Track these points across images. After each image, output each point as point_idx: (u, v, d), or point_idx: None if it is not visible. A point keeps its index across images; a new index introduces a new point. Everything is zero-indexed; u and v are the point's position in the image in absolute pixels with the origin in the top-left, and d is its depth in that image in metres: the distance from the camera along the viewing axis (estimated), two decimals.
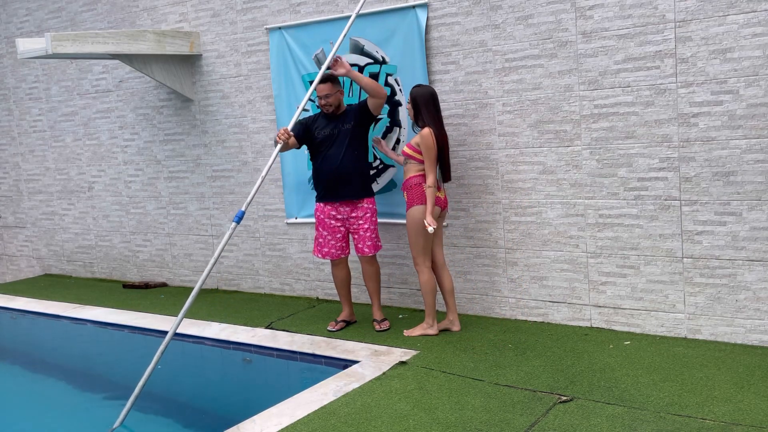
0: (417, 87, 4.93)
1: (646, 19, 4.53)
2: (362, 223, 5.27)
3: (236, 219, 4.54)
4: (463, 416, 3.74)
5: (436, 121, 4.86)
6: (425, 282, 4.97)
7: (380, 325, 5.33)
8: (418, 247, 4.93)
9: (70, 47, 5.72)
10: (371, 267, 5.37)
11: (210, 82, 6.70)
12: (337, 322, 5.44)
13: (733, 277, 4.49)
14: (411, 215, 4.90)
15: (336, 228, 5.31)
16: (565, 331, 4.97)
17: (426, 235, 4.89)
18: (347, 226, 5.32)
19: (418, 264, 4.97)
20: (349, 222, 5.30)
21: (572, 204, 4.97)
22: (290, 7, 6.06)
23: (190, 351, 5.64)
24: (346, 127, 5.20)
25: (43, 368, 5.79)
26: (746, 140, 4.33)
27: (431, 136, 4.77)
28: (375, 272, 5.39)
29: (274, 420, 3.85)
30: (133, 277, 7.75)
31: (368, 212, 5.30)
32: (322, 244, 5.35)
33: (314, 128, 5.27)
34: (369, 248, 5.30)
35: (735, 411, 3.58)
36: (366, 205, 5.30)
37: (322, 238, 5.35)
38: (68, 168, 8.07)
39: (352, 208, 5.28)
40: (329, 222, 5.31)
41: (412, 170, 4.91)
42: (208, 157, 6.85)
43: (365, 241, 5.29)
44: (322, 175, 5.25)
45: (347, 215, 5.28)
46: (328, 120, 5.24)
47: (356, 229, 5.29)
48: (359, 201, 5.28)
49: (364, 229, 5.28)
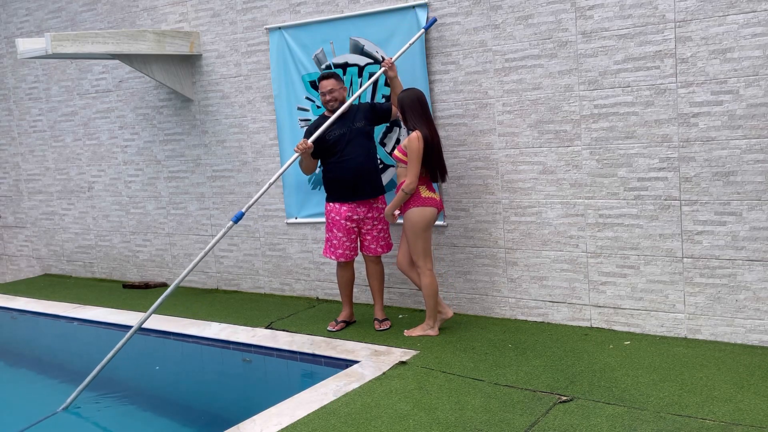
0: (403, 92, 4.94)
1: (646, 19, 4.53)
2: (377, 224, 5.28)
3: (234, 219, 4.56)
4: (463, 416, 3.74)
5: (426, 123, 4.84)
6: (427, 285, 4.97)
7: (381, 324, 5.33)
8: (417, 249, 4.93)
9: (70, 47, 5.72)
10: (378, 266, 5.38)
11: (210, 82, 6.70)
12: (337, 323, 5.43)
13: (733, 277, 4.49)
14: (408, 218, 4.90)
15: (351, 229, 5.27)
16: (565, 331, 4.97)
17: (423, 237, 4.90)
18: (361, 226, 5.29)
19: (420, 266, 4.96)
20: (363, 222, 5.27)
21: (572, 204, 4.97)
22: (290, 7, 6.06)
23: (189, 351, 5.64)
24: (357, 125, 5.17)
25: (42, 368, 5.79)
26: (746, 140, 4.33)
27: (418, 140, 4.76)
28: (381, 271, 5.40)
29: (274, 420, 3.85)
30: (133, 277, 7.75)
31: (383, 212, 5.30)
32: (336, 246, 5.29)
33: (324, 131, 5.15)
34: (382, 248, 5.32)
35: (735, 411, 3.58)
36: (381, 205, 5.32)
37: (336, 240, 5.29)
38: (68, 168, 8.07)
39: (368, 208, 5.26)
40: (345, 224, 5.24)
41: (404, 174, 4.90)
42: (208, 157, 6.85)
43: (379, 241, 5.30)
44: (341, 175, 5.16)
45: (363, 215, 5.25)
46: (334, 120, 5.12)
47: (370, 230, 5.28)
48: (375, 200, 5.28)
49: (378, 229, 5.29)
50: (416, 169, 4.79)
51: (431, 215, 4.91)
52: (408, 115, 4.85)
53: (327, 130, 5.08)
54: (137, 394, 5.05)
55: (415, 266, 5.03)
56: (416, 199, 4.87)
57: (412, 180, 4.79)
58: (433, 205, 4.91)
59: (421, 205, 4.87)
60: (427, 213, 4.89)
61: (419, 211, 4.87)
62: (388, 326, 5.33)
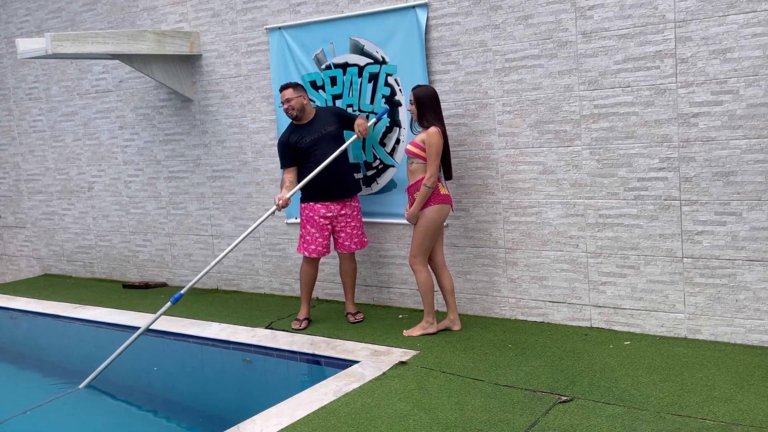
0: (419, 87, 4.94)
1: (646, 19, 4.53)
2: (350, 221, 5.45)
3: (173, 300, 4.82)
4: (463, 416, 3.74)
5: (441, 121, 4.88)
6: (423, 281, 4.98)
7: (355, 317, 5.56)
8: (422, 246, 4.93)
9: (70, 47, 5.72)
10: (352, 264, 5.59)
11: (210, 82, 6.70)
12: (301, 321, 5.54)
13: (733, 277, 4.49)
14: (426, 215, 4.87)
15: (325, 226, 5.43)
16: (565, 331, 4.97)
17: (432, 236, 4.91)
18: (334, 224, 5.45)
19: (416, 263, 4.97)
20: (337, 220, 5.43)
21: (572, 204, 4.97)
22: (290, 7, 6.06)
23: (190, 351, 5.64)
24: (329, 129, 5.37)
25: (41, 366, 5.79)
26: (746, 140, 4.33)
27: (439, 135, 4.79)
28: (354, 269, 5.63)
29: (274, 420, 3.85)
30: (133, 277, 7.75)
31: (356, 210, 5.51)
32: (309, 242, 5.45)
33: (294, 141, 5.36)
34: (356, 245, 5.49)
35: (735, 411, 3.58)
36: (354, 203, 5.50)
37: (309, 236, 5.45)
38: (68, 168, 8.07)
39: (342, 206, 5.43)
40: (320, 220, 5.41)
41: (420, 171, 4.88)
42: (208, 157, 6.85)
43: (353, 238, 5.47)
44: (317, 177, 5.29)
45: (337, 213, 5.42)
46: (303, 128, 5.36)
47: (344, 227, 5.44)
48: (349, 198, 5.46)
49: (351, 226, 5.45)
50: (437, 163, 4.81)
51: (447, 213, 4.96)
52: (426, 111, 4.86)
53: (298, 138, 5.32)
54: (137, 394, 5.05)
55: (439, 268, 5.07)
56: (436, 195, 4.88)
57: (433, 173, 4.80)
58: (449, 202, 4.95)
59: (440, 203, 4.88)
60: (445, 210, 4.93)
61: (438, 209, 4.88)
62: (362, 318, 5.55)
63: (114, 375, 5.04)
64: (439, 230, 5.00)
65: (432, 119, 4.85)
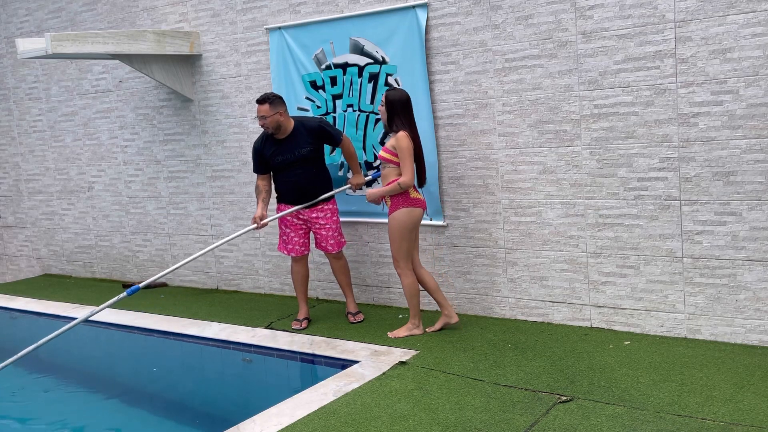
0: (392, 90, 4.94)
1: (646, 19, 4.53)
2: (324, 224, 5.46)
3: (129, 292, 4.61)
4: (463, 416, 3.74)
5: (411, 126, 4.89)
6: (409, 285, 5.01)
7: (355, 317, 5.54)
8: (402, 251, 4.94)
9: (70, 47, 5.72)
10: (340, 261, 5.58)
11: (210, 82, 6.70)
12: (300, 321, 5.54)
13: (733, 277, 4.49)
14: (396, 218, 4.91)
15: (299, 226, 5.48)
16: (565, 331, 4.97)
17: (408, 238, 4.92)
18: (309, 225, 5.49)
19: (401, 267, 4.99)
20: (310, 222, 5.47)
21: (572, 204, 4.97)
22: (290, 7, 6.06)
23: (189, 351, 5.64)
24: (302, 152, 5.32)
25: (43, 368, 5.79)
26: (746, 140, 4.33)
27: (408, 138, 4.80)
28: (343, 266, 5.59)
29: (274, 420, 3.85)
30: (133, 277, 7.75)
31: (328, 212, 5.48)
32: (287, 242, 5.53)
33: (268, 154, 5.35)
34: (333, 246, 5.49)
35: (735, 411, 3.58)
36: (328, 206, 5.49)
37: (285, 236, 5.53)
38: (68, 168, 8.07)
39: (313, 210, 5.44)
40: (292, 220, 5.47)
41: (392, 174, 4.91)
42: (208, 157, 6.85)
43: (328, 240, 5.48)
44: (286, 189, 5.39)
45: (308, 216, 5.45)
46: (278, 144, 5.32)
47: (319, 230, 5.47)
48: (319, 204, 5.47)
49: (326, 229, 5.46)
50: (412, 165, 4.81)
51: (419, 216, 4.94)
52: (397, 116, 4.86)
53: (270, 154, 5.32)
54: (137, 394, 5.05)
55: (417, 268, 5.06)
56: (405, 199, 4.89)
57: (410, 176, 4.80)
58: (420, 206, 4.94)
59: (410, 206, 4.89)
60: (415, 214, 4.91)
61: (408, 212, 4.89)
62: (362, 318, 5.52)
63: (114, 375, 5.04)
64: (415, 233, 5.00)
65: (400, 124, 4.85)
